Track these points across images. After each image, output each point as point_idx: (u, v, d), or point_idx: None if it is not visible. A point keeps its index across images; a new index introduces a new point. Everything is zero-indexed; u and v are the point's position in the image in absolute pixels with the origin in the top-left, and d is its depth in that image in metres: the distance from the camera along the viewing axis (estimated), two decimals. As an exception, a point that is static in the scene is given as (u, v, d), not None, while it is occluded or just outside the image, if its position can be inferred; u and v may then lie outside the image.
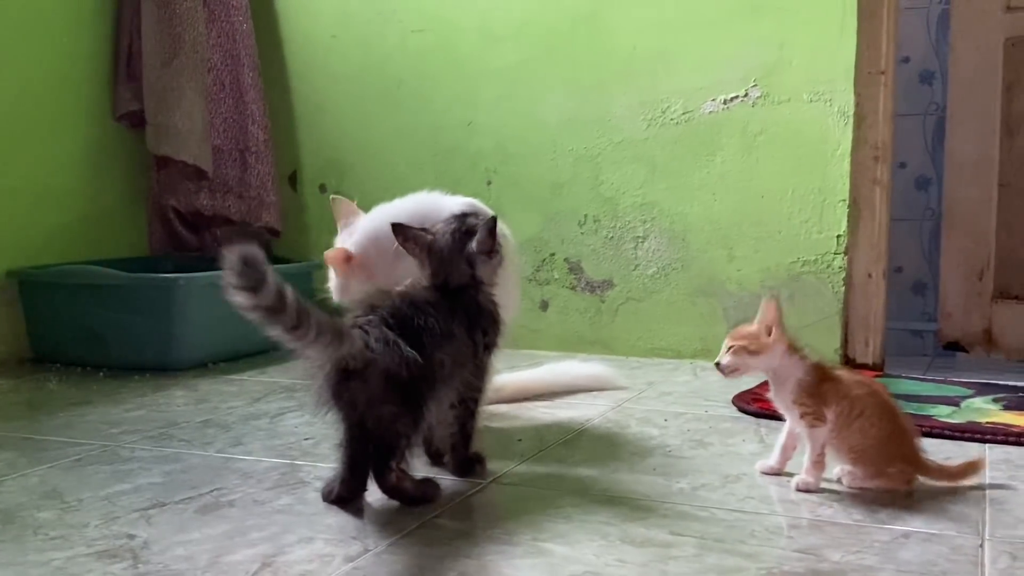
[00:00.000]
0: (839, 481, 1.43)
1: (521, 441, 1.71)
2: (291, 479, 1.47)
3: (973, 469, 1.44)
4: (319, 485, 1.40)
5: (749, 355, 1.42)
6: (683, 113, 2.57)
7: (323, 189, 2.99)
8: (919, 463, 1.42)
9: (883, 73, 2.43)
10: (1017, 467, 1.56)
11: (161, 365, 2.36)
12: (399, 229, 1.48)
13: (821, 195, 2.45)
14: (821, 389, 1.41)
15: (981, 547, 1.20)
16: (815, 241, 2.46)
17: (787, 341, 1.43)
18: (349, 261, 1.72)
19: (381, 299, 1.35)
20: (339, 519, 1.30)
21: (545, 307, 2.73)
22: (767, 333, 1.42)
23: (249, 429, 1.79)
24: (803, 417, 1.42)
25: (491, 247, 1.43)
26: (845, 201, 2.43)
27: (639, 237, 2.63)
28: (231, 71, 2.87)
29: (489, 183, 2.77)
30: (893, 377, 2.35)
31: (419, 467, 1.41)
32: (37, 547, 1.19)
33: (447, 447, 1.49)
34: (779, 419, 1.50)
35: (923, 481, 1.44)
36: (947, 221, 2.95)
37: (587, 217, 2.68)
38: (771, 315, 1.42)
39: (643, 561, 1.15)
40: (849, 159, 2.42)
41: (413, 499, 1.33)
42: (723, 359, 1.44)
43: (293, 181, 3.04)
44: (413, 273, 1.47)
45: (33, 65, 2.61)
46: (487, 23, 2.76)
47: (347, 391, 1.28)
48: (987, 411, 1.94)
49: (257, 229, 2.92)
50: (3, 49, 2.53)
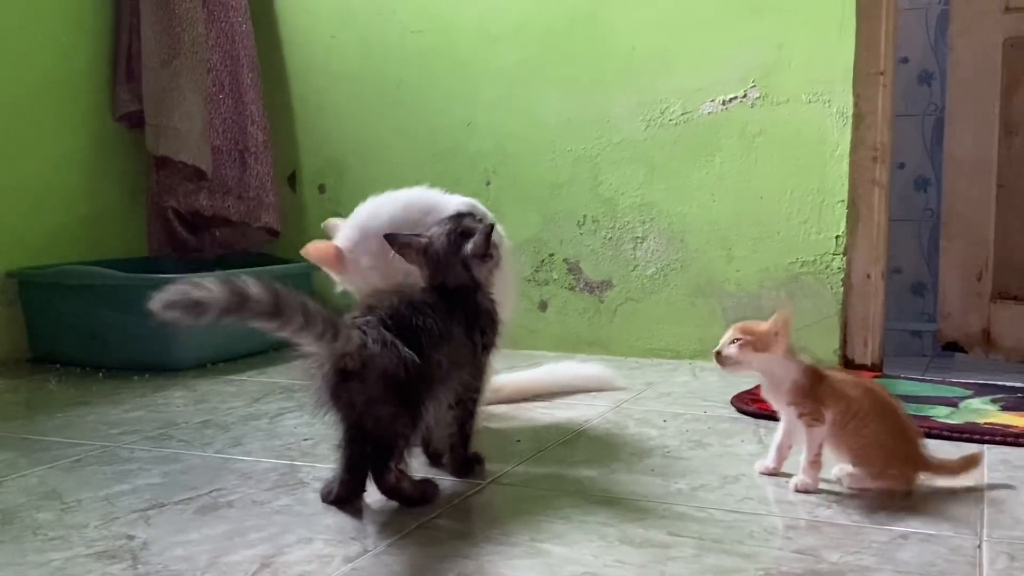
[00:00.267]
0: (838, 482, 1.44)
1: (520, 442, 1.72)
2: (290, 480, 1.47)
3: (973, 463, 1.45)
4: (318, 486, 1.40)
5: (754, 351, 1.42)
6: (682, 114, 2.57)
7: (322, 189, 2.99)
8: (920, 460, 1.43)
9: (882, 74, 2.43)
10: (1015, 468, 1.56)
11: (160, 365, 2.37)
12: (391, 239, 1.48)
13: (820, 196, 2.45)
14: (817, 391, 1.42)
15: (979, 548, 1.20)
16: (814, 242, 2.46)
17: (787, 345, 1.43)
18: (340, 260, 1.72)
19: (379, 300, 1.36)
20: (338, 520, 1.30)
21: (544, 307, 2.74)
22: (776, 334, 1.42)
23: (248, 430, 1.80)
24: (801, 417, 1.43)
25: (486, 252, 1.43)
26: (844, 202, 2.43)
27: (638, 237, 2.63)
28: (230, 71, 2.87)
29: (488, 183, 2.77)
30: (892, 378, 2.35)
31: (418, 468, 1.41)
32: (36, 548, 1.19)
33: (446, 448, 1.49)
34: (778, 419, 1.51)
35: (924, 481, 1.44)
36: (946, 222, 2.95)
37: (586, 217, 2.68)
38: (784, 321, 1.43)
39: (642, 562, 1.15)
40: (848, 160, 2.42)
41: (412, 500, 1.33)
42: (726, 350, 1.43)
43: (292, 181, 3.04)
44: (405, 264, 1.47)
45: (32, 66, 2.61)
46: (486, 23, 2.76)
47: (346, 392, 1.28)
48: (985, 412, 1.94)
49: (256, 229, 2.92)
50: (2, 50, 2.53)
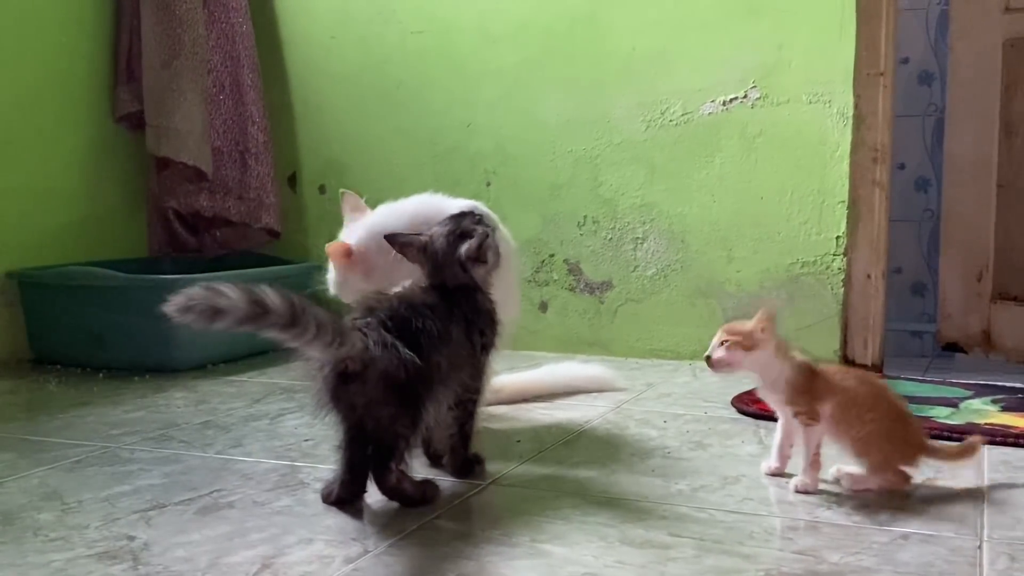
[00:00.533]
0: (837, 482, 1.44)
1: (520, 442, 1.72)
2: (291, 480, 1.48)
3: (973, 449, 1.45)
4: (319, 486, 1.40)
5: (743, 351, 1.42)
6: (682, 114, 2.57)
7: (322, 190, 2.99)
8: (923, 445, 1.43)
9: (882, 74, 2.43)
10: (1015, 468, 1.56)
11: (161, 366, 2.37)
12: (392, 239, 1.49)
13: (820, 196, 2.45)
14: (812, 387, 1.42)
15: (979, 548, 1.21)
16: (814, 242, 2.46)
17: (776, 342, 1.43)
18: (349, 256, 1.72)
19: (379, 301, 1.36)
20: (339, 520, 1.30)
21: (544, 308, 2.74)
22: (761, 331, 1.42)
23: (249, 430, 1.80)
24: (797, 416, 1.43)
25: (479, 256, 1.44)
26: (844, 202, 2.43)
27: (638, 238, 2.63)
28: (231, 72, 2.87)
29: (488, 184, 2.77)
30: (892, 378, 2.35)
31: (418, 468, 1.41)
32: (37, 548, 1.19)
33: (446, 448, 1.49)
34: (777, 420, 1.51)
35: (925, 473, 1.44)
36: (946, 222, 2.95)
37: (586, 218, 2.68)
38: (768, 317, 1.43)
39: (642, 563, 1.15)
40: (848, 160, 2.42)
41: (412, 500, 1.33)
42: (716, 353, 1.43)
43: (293, 182, 3.04)
44: (413, 273, 1.48)
45: (33, 67, 2.61)
46: (486, 24, 2.76)
47: (346, 393, 1.28)
48: (986, 412, 1.94)
49: (257, 230, 2.92)
50: (3, 51, 2.53)
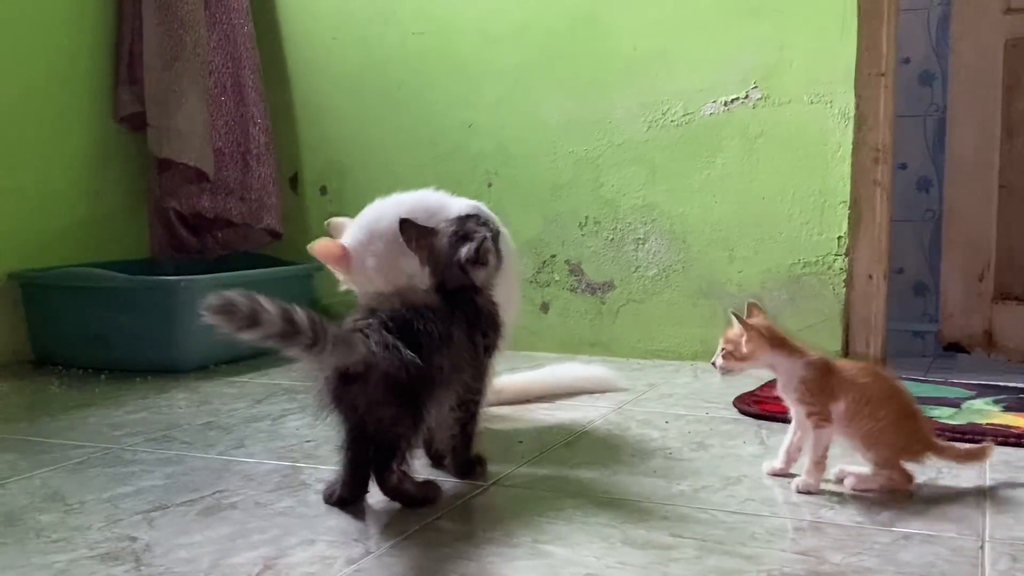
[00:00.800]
0: (840, 482, 1.44)
1: (522, 443, 1.72)
2: (293, 481, 1.48)
3: (983, 454, 1.45)
4: (321, 487, 1.40)
5: (736, 360, 1.44)
6: (683, 115, 2.57)
7: (324, 191, 2.99)
8: (931, 444, 1.43)
9: (883, 74, 2.43)
10: (1017, 469, 1.56)
11: (163, 367, 2.37)
12: (407, 226, 1.47)
13: (822, 196, 2.45)
14: (827, 384, 1.42)
15: (981, 549, 1.20)
16: (816, 242, 2.46)
17: (779, 343, 1.43)
18: (346, 257, 1.72)
19: (380, 303, 1.36)
20: (341, 521, 1.30)
21: (546, 309, 2.74)
22: (746, 343, 1.43)
23: (251, 431, 1.80)
24: (809, 417, 1.42)
25: (476, 260, 1.43)
26: (846, 202, 2.43)
27: (639, 239, 2.63)
28: (232, 73, 2.87)
29: (490, 185, 2.77)
30: (894, 378, 2.35)
31: (420, 469, 1.41)
32: (39, 549, 1.19)
33: (448, 449, 1.49)
34: (780, 421, 1.51)
35: (929, 473, 1.44)
36: (948, 222, 2.95)
37: (588, 219, 2.68)
38: (751, 327, 1.43)
39: (644, 563, 1.15)
40: (850, 160, 2.42)
41: (414, 501, 1.34)
42: (716, 360, 1.47)
43: (294, 183, 3.04)
44: (409, 267, 1.47)
45: (34, 67, 2.61)
46: (487, 25, 2.76)
47: (348, 394, 1.29)
48: (987, 412, 1.94)
49: (258, 231, 2.92)
50: (4, 51, 2.53)
